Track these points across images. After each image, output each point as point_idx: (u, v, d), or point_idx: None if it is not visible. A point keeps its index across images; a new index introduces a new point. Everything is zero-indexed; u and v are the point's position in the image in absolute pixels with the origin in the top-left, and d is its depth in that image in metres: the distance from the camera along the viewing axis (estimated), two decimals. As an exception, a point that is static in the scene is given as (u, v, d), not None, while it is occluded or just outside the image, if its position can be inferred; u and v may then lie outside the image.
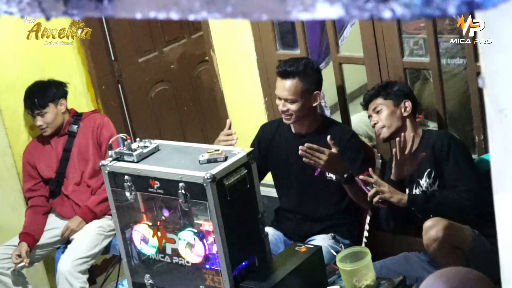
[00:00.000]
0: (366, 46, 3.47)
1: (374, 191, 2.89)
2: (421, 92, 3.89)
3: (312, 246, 2.84)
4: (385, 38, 3.38)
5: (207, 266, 2.68)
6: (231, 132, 3.36)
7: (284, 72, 3.26)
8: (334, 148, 3.04)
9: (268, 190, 3.61)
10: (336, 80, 3.67)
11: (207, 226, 2.63)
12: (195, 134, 5.09)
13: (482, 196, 2.77)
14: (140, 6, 0.84)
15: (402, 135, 2.94)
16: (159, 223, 2.78)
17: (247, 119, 4.04)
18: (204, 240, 2.65)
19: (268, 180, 3.56)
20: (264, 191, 3.31)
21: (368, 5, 0.73)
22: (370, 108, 3.21)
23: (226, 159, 2.61)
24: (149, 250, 2.82)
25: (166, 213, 2.74)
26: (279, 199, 3.56)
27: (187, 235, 2.68)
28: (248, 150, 2.69)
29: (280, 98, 3.29)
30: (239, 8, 0.79)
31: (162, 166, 2.67)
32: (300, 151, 3.02)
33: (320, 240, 3.26)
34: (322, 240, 3.24)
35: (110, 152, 2.81)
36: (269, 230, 3.23)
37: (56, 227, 3.91)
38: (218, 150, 2.68)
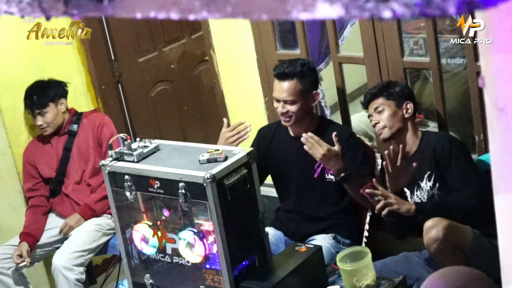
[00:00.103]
0: (366, 46, 3.46)
1: (382, 205, 2.85)
2: (421, 92, 3.89)
3: (312, 246, 2.84)
4: (385, 38, 3.38)
5: (207, 266, 2.69)
6: (235, 125, 3.36)
7: (282, 73, 3.26)
8: (336, 146, 3.05)
9: (268, 190, 3.61)
10: (336, 80, 3.67)
11: (207, 226, 2.63)
12: (195, 134, 5.09)
13: (487, 197, 2.76)
14: (140, 6, 0.84)
15: (390, 148, 2.92)
16: (159, 223, 2.78)
17: (247, 119, 4.02)
18: (204, 240, 2.65)
19: (269, 180, 3.56)
20: (264, 191, 3.31)
21: (368, 5, 0.73)
22: (371, 108, 3.18)
23: (226, 159, 2.61)
24: (149, 250, 2.82)
25: (166, 213, 2.75)
26: (279, 200, 3.56)
27: (187, 235, 2.68)
28: (248, 149, 2.69)
29: (278, 100, 3.27)
30: (239, 7, 0.79)
31: (162, 166, 2.67)
32: (303, 139, 3.03)
33: (320, 240, 3.26)
34: (322, 240, 3.24)
35: (110, 152, 2.81)
36: (270, 230, 3.23)
37: (56, 227, 3.91)
38: (218, 150, 2.68)
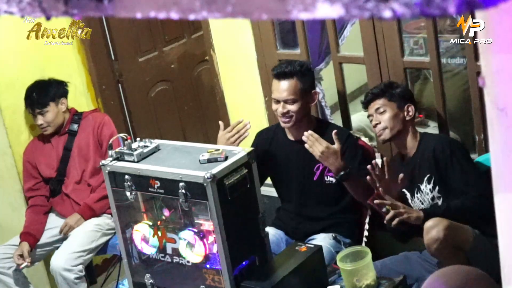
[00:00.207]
0: (366, 45, 3.46)
1: (392, 215, 2.83)
2: (422, 92, 3.89)
3: (313, 246, 2.84)
4: (385, 38, 3.38)
5: (208, 266, 2.69)
6: (234, 125, 3.36)
7: (281, 73, 3.25)
8: (336, 144, 3.05)
9: (268, 190, 3.60)
10: (336, 79, 3.67)
11: (208, 225, 2.63)
12: (195, 134, 5.08)
13: (491, 197, 2.75)
14: (140, 6, 0.84)
15: (373, 163, 2.91)
16: (159, 222, 2.78)
17: (247, 119, 4.01)
18: (205, 240, 2.65)
19: (269, 180, 3.56)
20: (265, 190, 3.31)
21: (369, 5, 0.73)
22: (371, 108, 3.15)
23: (226, 158, 2.61)
24: (150, 249, 2.82)
25: (166, 212, 2.75)
26: (281, 202, 3.56)
27: (187, 234, 2.68)
28: (249, 149, 2.69)
29: (278, 101, 3.26)
30: (239, 7, 0.79)
31: (163, 165, 2.67)
32: (303, 136, 3.04)
33: (320, 239, 3.25)
34: (323, 240, 3.24)
35: (110, 152, 2.81)
36: (271, 229, 3.23)
37: (56, 227, 3.91)
38: (219, 149, 2.68)
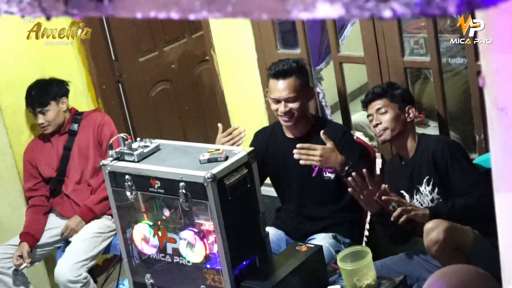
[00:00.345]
0: (366, 45, 3.46)
1: (400, 212, 2.82)
2: (422, 92, 3.89)
3: (313, 246, 2.84)
4: (386, 38, 3.38)
5: (208, 266, 2.69)
6: (230, 131, 3.36)
7: (280, 72, 3.24)
8: (328, 143, 3.05)
9: (268, 190, 3.60)
10: (336, 79, 3.67)
11: (208, 225, 2.63)
12: (195, 134, 5.08)
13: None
14: (141, 6, 0.84)
15: (353, 175, 2.91)
16: (159, 222, 2.78)
17: (247, 119, 4.04)
18: (205, 240, 2.65)
19: (269, 180, 3.56)
20: (265, 190, 3.31)
21: (369, 5, 0.73)
22: (372, 107, 3.12)
23: (226, 158, 2.61)
24: (150, 249, 2.82)
25: (166, 212, 2.75)
26: (281, 202, 3.56)
27: (187, 234, 2.68)
28: (249, 149, 2.69)
29: (279, 101, 3.25)
30: (240, 7, 0.79)
31: (163, 165, 2.67)
32: (295, 155, 3.03)
33: (320, 239, 3.25)
34: (323, 239, 3.24)
35: (110, 152, 2.81)
36: (271, 229, 3.23)
37: (56, 227, 3.91)
38: (219, 149, 2.68)
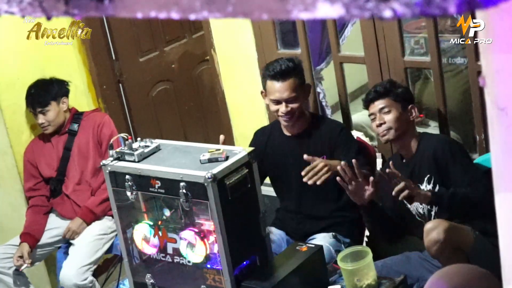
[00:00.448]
0: (367, 45, 3.46)
1: (403, 186, 2.74)
2: (422, 92, 3.89)
3: (313, 246, 2.83)
4: (386, 37, 3.38)
5: (208, 266, 2.69)
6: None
7: (279, 73, 3.22)
8: (317, 160, 2.97)
9: (269, 190, 3.61)
10: (337, 79, 3.67)
11: (208, 225, 2.63)
12: (196, 134, 5.08)
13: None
14: (141, 6, 0.84)
15: (342, 164, 2.87)
16: (160, 222, 2.78)
17: (248, 119, 4.04)
18: (205, 240, 2.65)
19: (269, 180, 3.56)
20: (265, 190, 3.31)
21: (369, 5, 0.73)
22: (375, 107, 3.08)
23: (227, 158, 2.61)
24: (150, 249, 2.82)
25: (167, 212, 2.75)
26: (279, 201, 3.56)
27: (188, 234, 2.68)
28: (249, 149, 2.69)
29: (279, 102, 3.24)
30: (240, 7, 0.79)
31: (163, 165, 2.67)
32: (309, 182, 2.93)
33: (320, 239, 3.25)
34: (323, 239, 3.24)
35: (111, 152, 2.81)
36: (272, 230, 3.23)
37: (56, 227, 3.91)
38: (219, 149, 2.68)
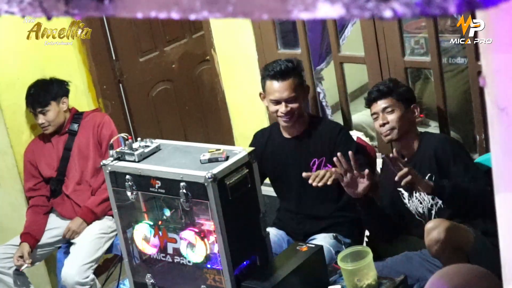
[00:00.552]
0: (367, 45, 3.46)
1: (407, 171, 2.72)
2: (422, 92, 3.89)
3: (313, 246, 2.83)
4: (386, 37, 3.38)
5: (209, 266, 2.69)
6: None
7: (279, 73, 3.23)
8: (312, 177, 3.01)
9: (269, 190, 3.60)
10: (337, 79, 3.67)
11: (208, 225, 2.63)
12: (196, 134, 5.09)
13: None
14: (141, 6, 0.84)
15: (338, 155, 2.88)
16: (160, 222, 2.78)
17: (248, 119, 4.05)
18: (205, 240, 2.65)
19: (268, 180, 3.56)
20: (266, 190, 3.31)
21: (369, 5, 0.74)
22: (378, 106, 3.06)
23: (227, 158, 2.61)
24: (151, 249, 2.82)
25: (167, 212, 2.75)
26: (280, 201, 3.56)
27: (188, 234, 2.68)
28: (249, 149, 2.69)
29: (278, 102, 3.24)
30: (240, 7, 0.79)
31: (163, 165, 2.67)
32: (314, 184, 2.98)
33: (321, 239, 3.25)
34: (323, 240, 3.24)
35: (111, 152, 2.81)
36: (272, 230, 3.23)
37: (56, 227, 3.91)
38: (219, 149, 2.68)
